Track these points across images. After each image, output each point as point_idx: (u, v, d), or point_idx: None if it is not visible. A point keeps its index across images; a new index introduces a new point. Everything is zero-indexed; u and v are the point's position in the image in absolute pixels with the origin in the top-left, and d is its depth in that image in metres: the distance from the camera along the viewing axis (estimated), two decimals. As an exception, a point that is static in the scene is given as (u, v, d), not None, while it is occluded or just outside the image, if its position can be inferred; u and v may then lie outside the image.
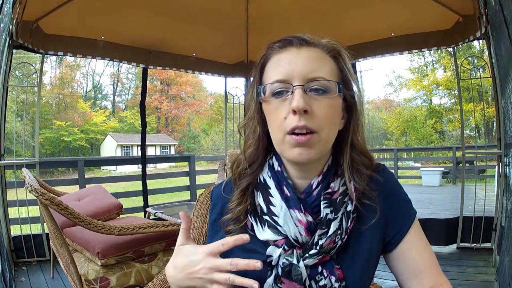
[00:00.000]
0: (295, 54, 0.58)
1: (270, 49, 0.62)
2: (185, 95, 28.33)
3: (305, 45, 0.59)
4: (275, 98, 0.58)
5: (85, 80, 27.19)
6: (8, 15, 2.22)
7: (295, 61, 0.57)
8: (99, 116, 24.81)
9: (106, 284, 1.59)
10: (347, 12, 3.08)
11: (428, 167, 9.72)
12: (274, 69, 0.59)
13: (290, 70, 0.57)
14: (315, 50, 0.59)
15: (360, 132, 0.62)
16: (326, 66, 0.58)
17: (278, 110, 0.57)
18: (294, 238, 0.58)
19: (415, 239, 0.63)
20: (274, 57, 0.60)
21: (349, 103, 0.61)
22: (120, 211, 2.35)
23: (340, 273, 0.58)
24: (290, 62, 0.57)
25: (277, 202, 0.60)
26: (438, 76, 19.70)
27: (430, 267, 0.61)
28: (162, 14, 3.15)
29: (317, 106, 0.56)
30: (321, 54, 0.59)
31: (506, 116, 2.14)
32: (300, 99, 0.54)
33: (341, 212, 0.59)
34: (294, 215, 0.58)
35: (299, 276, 0.56)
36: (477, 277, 2.30)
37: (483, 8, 2.32)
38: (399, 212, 0.64)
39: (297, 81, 0.56)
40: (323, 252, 0.57)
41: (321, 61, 0.58)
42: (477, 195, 2.76)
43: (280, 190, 0.61)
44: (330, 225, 0.57)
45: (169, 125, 27.78)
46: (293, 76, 0.56)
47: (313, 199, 0.60)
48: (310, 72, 0.56)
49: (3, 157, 2.59)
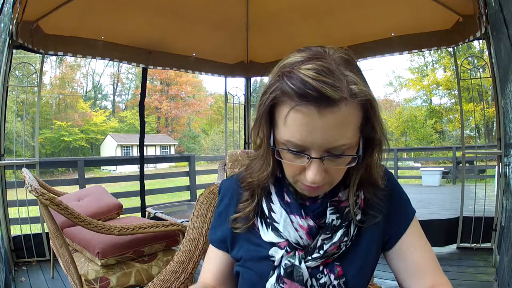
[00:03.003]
0: (316, 122, 0.47)
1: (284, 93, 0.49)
2: (185, 95, 28.33)
3: (329, 107, 0.47)
4: (289, 152, 0.52)
5: (85, 80, 27.22)
6: (8, 15, 2.22)
7: (315, 130, 0.48)
8: (99, 116, 24.81)
9: (106, 284, 1.59)
10: (347, 12, 3.08)
11: (428, 167, 9.73)
12: (289, 127, 0.50)
13: (309, 140, 0.49)
14: (339, 112, 0.48)
15: (378, 163, 0.59)
16: (351, 125, 0.50)
17: (292, 163, 0.54)
18: (295, 242, 0.59)
19: (414, 237, 0.63)
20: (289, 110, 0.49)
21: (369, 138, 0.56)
22: (120, 211, 2.35)
23: (340, 270, 0.59)
24: (309, 131, 0.48)
25: (277, 208, 0.61)
26: (438, 76, 19.71)
27: (430, 266, 0.61)
28: (162, 14, 3.15)
29: (332, 168, 0.53)
30: (346, 114, 0.48)
31: (506, 116, 2.14)
32: (316, 175, 0.51)
33: (348, 221, 0.59)
34: (295, 220, 0.59)
35: (301, 277, 0.57)
36: (477, 277, 2.30)
37: (483, 8, 2.32)
38: (398, 210, 0.64)
39: (315, 153, 0.50)
40: (326, 256, 0.58)
41: (346, 124, 0.49)
42: (477, 195, 2.76)
43: (280, 197, 0.61)
44: (336, 232, 0.58)
45: (169, 125, 27.77)
46: (311, 146, 0.50)
47: (317, 205, 0.60)
48: (331, 142, 0.49)
49: (3, 157, 2.59)
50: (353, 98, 0.48)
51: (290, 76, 0.49)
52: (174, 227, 1.70)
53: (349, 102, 0.48)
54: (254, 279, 0.62)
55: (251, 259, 0.64)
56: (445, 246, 2.90)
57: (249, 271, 0.63)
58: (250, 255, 0.64)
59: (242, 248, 0.65)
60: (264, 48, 3.78)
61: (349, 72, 0.49)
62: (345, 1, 3.01)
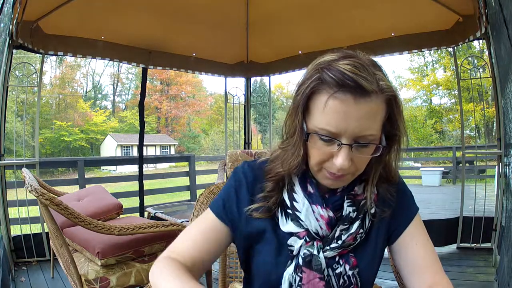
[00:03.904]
0: (351, 109, 0.52)
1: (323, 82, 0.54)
2: (185, 95, 28.32)
3: (363, 97, 0.52)
4: (320, 139, 0.56)
5: (85, 80, 27.22)
6: (8, 15, 2.22)
7: (350, 117, 0.53)
8: (99, 116, 24.81)
9: (106, 284, 1.59)
10: (347, 12, 3.08)
11: (428, 167, 9.72)
12: (326, 114, 0.54)
13: (343, 127, 0.53)
14: (371, 102, 0.53)
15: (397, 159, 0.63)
16: (378, 118, 0.55)
17: (321, 151, 0.57)
18: (314, 232, 0.61)
19: (416, 233, 0.66)
20: (328, 97, 0.53)
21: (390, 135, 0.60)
22: (120, 211, 2.35)
23: (354, 260, 0.62)
24: (345, 118, 0.53)
25: (299, 198, 0.63)
26: (438, 76, 19.71)
27: (431, 263, 0.63)
28: (162, 14, 3.15)
29: (358, 157, 0.56)
30: (376, 105, 0.54)
31: (506, 116, 2.14)
32: (345, 160, 0.55)
33: (363, 213, 0.63)
34: (316, 210, 0.61)
35: (319, 266, 0.60)
36: (477, 277, 2.30)
37: (483, 8, 2.32)
38: (403, 205, 0.67)
39: (346, 139, 0.54)
40: (343, 246, 0.61)
41: (375, 115, 0.55)
42: (477, 195, 2.77)
43: (303, 188, 0.63)
44: (353, 223, 0.62)
45: (169, 125, 27.77)
46: (344, 133, 0.54)
47: (336, 198, 0.63)
48: (362, 131, 0.54)
49: (3, 157, 2.59)
50: (382, 93, 0.54)
51: (329, 68, 0.54)
52: (174, 227, 1.70)
53: (379, 96, 0.54)
54: (269, 267, 0.63)
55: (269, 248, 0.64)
56: (445, 246, 2.90)
57: (266, 261, 0.64)
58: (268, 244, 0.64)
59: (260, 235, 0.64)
60: (264, 48, 3.79)
61: (378, 71, 0.55)
62: (345, 1, 3.00)
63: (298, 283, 0.60)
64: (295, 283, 0.60)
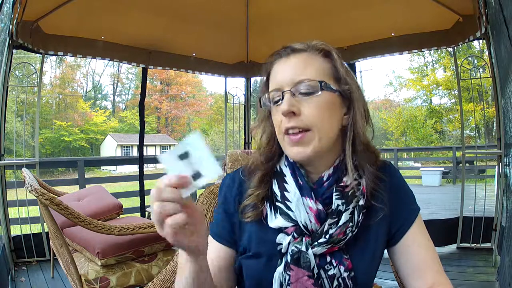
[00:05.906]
0: (283, 64, 0.64)
1: (269, 64, 0.67)
2: (185, 95, 28.32)
3: (292, 54, 0.63)
4: (274, 105, 0.63)
5: (85, 80, 27.22)
6: (8, 15, 2.22)
7: (284, 69, 0.63)
8: (99, 116, 24.82)
9: (106, 284, 1.59)
10: (347, 12, 3.08)
11: (428, 167, 9.73)
12: (271, 80, 0.65)
13: (281, 79, 0.62)
14: (302, 55, 0.63)
15: (361, 123, 0.62)
16: (313, 66, 0.62)
17: (276, 115, 0.63)
18: (304, 225, 0.60)
19: (417, 234, 0.65)
20: (272, 70, 0.66)
21: (347, 98, 0.63)
22: (120, 211, 2.35)
23: (349, 263, 0.60)
24: (281, 71, 0.63)
25: (291, 188, 0.63)
26: (438, 76, 19.71)
27: (432, 264, 0.63)
28: (162, 14, 3.15)
29: (306, 106, 0.60)
30: (308, 57, 0.63)
31: (506, 116, 2.14)
32: (285, 103, 0.60)
33: (352, 205, 0.61)
34: (305, 202, 0.61)
35: (308, 263, 0.59)
36: (477, 277, 2.31)
37: (483, 8, 2.32)
38: (404, 206, 0.66)
39: (286, 87, 0.61)
40: (332, 241, 0.59)
41: (308, 63, 0.62)
42: (477, 195, 2.77)
43: (294, 178, 0.64)
44: (341, 216, 0.60)
45: (169, 125, 27.77)
46: (284, 84, 0.62)
47: (324, 189, 0.63)
48: (296, 76, 0.61)
49: (3, 157, 2.59)
50: (314, 49, 0.63)
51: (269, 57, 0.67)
52: (174, 227, 1.70)
53: (312, 50, 0.63)
54: (261, 270, 0.63)
55: (258, 250, 0.64)
56: (445, 246, 2.90)
57: (257, 262, 0.63)
58: (258, 246, 0.64)
59: (251, 239, 0.65)
60: (264, 48, 3.78)
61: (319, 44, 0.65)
62: (345, 1, 3.01)
63: (288, 282, 0.59)
64: (285, 282, 0.59)
